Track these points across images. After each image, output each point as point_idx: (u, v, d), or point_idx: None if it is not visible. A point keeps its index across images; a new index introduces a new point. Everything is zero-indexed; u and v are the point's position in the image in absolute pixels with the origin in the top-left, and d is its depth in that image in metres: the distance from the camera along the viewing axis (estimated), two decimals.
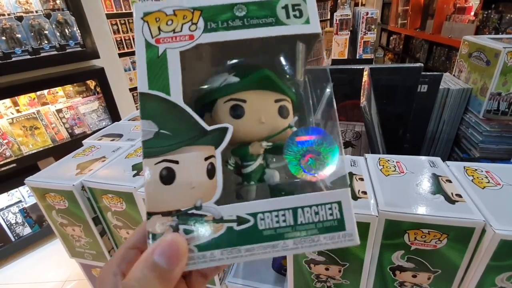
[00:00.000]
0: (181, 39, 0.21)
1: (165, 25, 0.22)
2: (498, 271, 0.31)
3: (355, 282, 0.37)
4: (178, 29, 0.21)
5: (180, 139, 0.19)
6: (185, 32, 0.21)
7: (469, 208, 0.31)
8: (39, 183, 0.45)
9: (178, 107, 0.20)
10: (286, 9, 0.22)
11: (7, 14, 1.54)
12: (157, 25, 0.22)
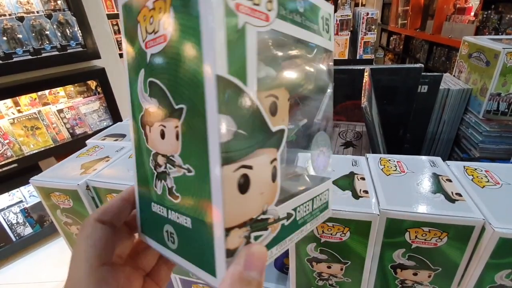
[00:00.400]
0: (259, 17, 0.17)
1: (149, 24, 0.19)
2: (497, 269, 0.32)
3: (357, 280, 0.38)
4: (257, 1, 0.17)
5: (255, 141, 0.17)
6: (263, 8, 0.17)
7: (468, 207, 0.31)
8: (44, 182, 0.46)
9: (252, 101, 0.17)
10: (323, 21, 0.22)
11: (8, 15, 1.55)
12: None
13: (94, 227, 0.23)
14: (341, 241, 0.34)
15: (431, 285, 0.36)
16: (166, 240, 0.22)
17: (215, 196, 0.17)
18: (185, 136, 0.19)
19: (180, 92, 0.18)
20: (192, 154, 0.18)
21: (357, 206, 0.33)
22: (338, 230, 0.34)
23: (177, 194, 0.20)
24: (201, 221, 0.19)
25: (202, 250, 0.19)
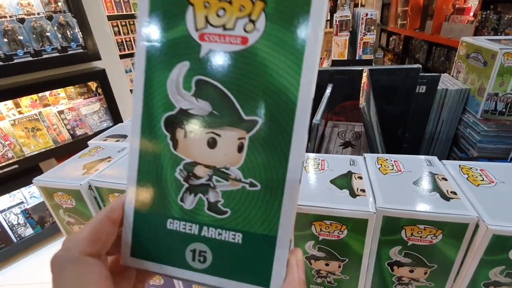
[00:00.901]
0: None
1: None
2: (491, 265, 0.32)
3: (355, 277, 0.38)
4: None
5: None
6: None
7: (463, 205, 0.32)
8: (47, 182, 0.47)
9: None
10: None
11: (9, 16, 1.56)
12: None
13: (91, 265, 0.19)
14: (339, 239, 0.35)
15: (427, 282, 0.37)
16: (190, 260, 0.21)
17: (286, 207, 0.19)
18: (254, 150, 0.19)
19: (255, 104, 0.18)
20: (260, 168, 0.19)
21: (354, 205, 0.33)
22: (335, 228, 0.34)
23: (225, 209, 0.20)
24: (258, 235, 0.19)
25: (251, 263, 0.20)
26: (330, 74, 0.83)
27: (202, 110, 0.19)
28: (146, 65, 0.20)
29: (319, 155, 0.45)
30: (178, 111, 0.20)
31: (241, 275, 0.20)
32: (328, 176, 0.39)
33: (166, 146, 0.20)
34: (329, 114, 0.89)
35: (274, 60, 0.18)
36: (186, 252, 0.21)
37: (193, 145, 0.20)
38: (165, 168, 0.20)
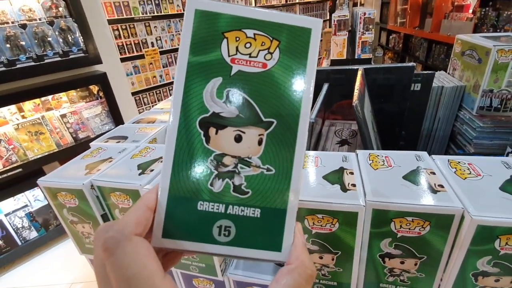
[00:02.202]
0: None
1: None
2: (478, 256, 0.33)
3: (348, 269, 0.40)
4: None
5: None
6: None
7: (449, 197, 0.33)
8: (51, 183, 0.48)
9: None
10: None
11: (11, 22, 1.58)
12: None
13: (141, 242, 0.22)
14: (331, 232, 0.36)
15: (418, 273, 0.38)
16: (216, 235, 0.25)
17: (293, 187, 0.25)
18: (270, 143, 0.25)
19: (271, 109, 0.25)
20: (276, 157, 0.25)
21: (344, 198, 0.35)
22: (327, 221, 0.36)
23: (247, 190, 0.25)
24: (273, 209, 0.25)
25: (267, 233, 0.25)
26: (327, 73, 0.84)
27: (231, 113, 0.25)
28: (186, 78, 0.25)
29: (314, 152, 0.47)
30: (211, 114, 0.25)
31: (259, 244, 0.25)
32: (321, 172, 0.41)
33: (199, 141, 0.25)
34: (326, 113, 0.90)
35: (285, 79, 0.25)
36: (213, 229, 0.25)
37: (223, 140, 0.25)
38: (198, 159, 0.25)
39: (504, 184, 0.35)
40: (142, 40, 2.92)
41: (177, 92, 0.25)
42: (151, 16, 2.91)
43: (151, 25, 2.94)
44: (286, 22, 0.25)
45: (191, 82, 0.25)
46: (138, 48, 2.91)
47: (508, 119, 0.78)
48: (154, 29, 2.98)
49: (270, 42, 0.25)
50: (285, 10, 4.55)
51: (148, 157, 0.52)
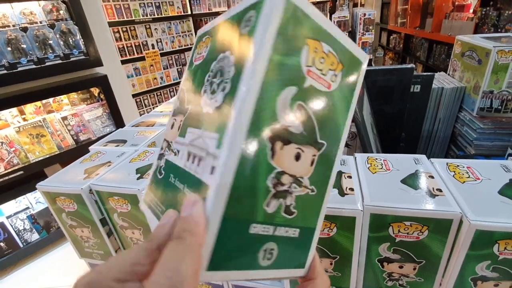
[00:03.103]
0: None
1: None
2: (477, 260, 0.33)
3: (346, 274, 0.40)
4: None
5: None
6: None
7: (447, 201, 0.33)
8: (50, 187, 0.48)
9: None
10: None
11: (12, 25, 1.59)
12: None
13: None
14: (329, 237, 0.36)
15: (416, 277, 0.38)
16: (261, 259, 0.22)
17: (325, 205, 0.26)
18: (319, 164, 0.25)
19: (325, 132, 0.25)
20: (319, 178, 0.25)
21: (342, 203, 0.35)
22: (325, 226, 0.36)
23: (294, 210, 0.24)
24: (308, 228, 0.25)
25: (298, 251, 0.25)
26: None
27: (297, 129, 0.23)
28: (265, 76, 0.20)
29: None
30: (281, 125, 0.22)
31: (290, 263, 0.24)
32: None
33: (265, 155, 0.21)
34: None
35: (339, 105, 0.25)
36: (259, 253, 0.22)
37: (285, 156, 0.23)
38: (260, 175, 0.21)
39: (503, 188, 0.35)
40: (143, 42, 2.93)
41: (251, 94, 0.20)
42: (151, 18, 2.91)
43: (152, 27, 2.95)
44: (349, 49, 0.25)
45: (269, 82, 0.20)
46: (138, 50, 2.92)
47: (508, 120, 0.78)
48: (154, 31, 2.98)
49: (337, 64, 0.25)
50: None
51: (147, 161, 0.52)
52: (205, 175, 0.21)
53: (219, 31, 0.26)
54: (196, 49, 0.30)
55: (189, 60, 0.31)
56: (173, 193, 0.25)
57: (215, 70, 0.24)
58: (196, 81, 0.27)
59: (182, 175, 0.24)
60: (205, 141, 0.22)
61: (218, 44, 0.26)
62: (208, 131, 0.22)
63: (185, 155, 0.25)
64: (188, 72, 0.30)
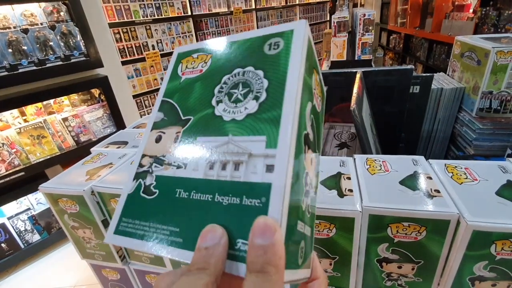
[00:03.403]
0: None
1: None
2: (475, 260, 0.34)
3: (346, 274, 0.40)
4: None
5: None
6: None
7: (445, 202, 0.34)
8: (52, 189, 0.49)
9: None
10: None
11: (13, 27, 1.60)
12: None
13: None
14: (328, 237, 0.37)
15: (415, 277, 0.38)
16: (298, 258, 0.23)
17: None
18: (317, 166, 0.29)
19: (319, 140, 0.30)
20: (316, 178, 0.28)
21: (341, 204, 0.35)
22: (324, 227, 0.36)
23: (310, 210, 0.26)
24: (313, 227, 0.27)
25: (308, 250, 0.25)
26: (326, 76, 0.84)
27: (312, 137, 0.27)
28: (301, 91, 0.24)
29: None
30: (307, 132, 0.26)
31: (305, 262, 0.24)
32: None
33: (302, 157, 0.24)
34: (325, 115, 0.90)
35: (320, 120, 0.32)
36: (299, 251, 0.23)
37: (308, 159, 0.26)
38: (301, 175, 0.24)
39: (500, 189, 0.35)
40: (143, 43, 2.93)
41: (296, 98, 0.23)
42: (151, 19, 2.92)
43: (152, 28, 2.96)
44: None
45: (302, 96, 0.24)
46: (139, 51, 2.92)
47: (507, 121, 0.78)
48: (154, 32, 2.99)
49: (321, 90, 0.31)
50: (285, 12, 4.56)
51: None
52: (255, 176, 0.22)
53: (228, 49, 0.29)
54: (179, 64, 0.32)
55: (169, 74, 0.32)
56: (192, 207, 0.23)
57: (232, 82, 0.27)
58: (197, 93, 0.29)
59: (207, 186, 0.23)
60: (243, 145, 0.24)
61: (230, 60, 0.28)
62: (244, 135, 0.24)
63: (204, 164, 0.24)
64: (173, 85, 0.31)
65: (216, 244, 0.19)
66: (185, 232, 0.23)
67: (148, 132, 0.30)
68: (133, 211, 0.26)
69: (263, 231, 0.18)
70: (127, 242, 0.25)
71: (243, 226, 0.20)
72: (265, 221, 0.19)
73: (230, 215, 0.21)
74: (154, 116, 0.30)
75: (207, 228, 0.21)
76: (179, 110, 0.29)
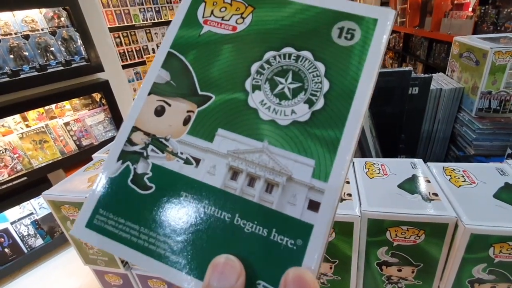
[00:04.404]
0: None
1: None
2: (473, 263, 0.34)
3: (346, 278, 0.40)
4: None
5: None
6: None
7: (443, 206, 0.34)
8: (55, 196, 0.49)
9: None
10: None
11: (14, 33, 1.61)
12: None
13: None
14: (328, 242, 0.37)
15: (415, 280, 0.38)
16: None
17: None
18: None
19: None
20: None
21: (340, 209, 0.35)
22: None
23: None
24: None
25: None
26: None
27: None
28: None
29: None
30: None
31: None
32: None
33: None
34: None
35: None
36: None
37: None
38: None
39: (498, 192, 0.35)
40: (143, 46, 2.95)
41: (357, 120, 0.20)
42: (151, 23, 2.94)
43: (152, 31, 2.97)
44: None
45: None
46: (139, 54, 2.94)
47: (507, 121, 0.78)
48: (154, 35, 3.01)
49: None
50: None
51: None
52: (292, 209, 0.18)
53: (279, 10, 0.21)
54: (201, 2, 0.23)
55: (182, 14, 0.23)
56: (202, 223, 0.18)
57: (279, 65, 0.20)
58: (225, 61, 0.21)
59: (226, 200, 0.19)
60: (282, 162, 0.19)
61: (279, 29, 0.21)
62: (286, 149, 0.19)
63: (225, 170, 0.19)
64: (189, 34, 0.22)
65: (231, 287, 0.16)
66: (188, 252, 0.18)
67: (144, 96, 0.22)
68: (116, 204, 0.20)
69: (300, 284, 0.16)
70: (105, 243, 0.19)
71: (268, 265, 0.17)
72: (305, 277, 0.16)
73: (252, 247, 0.17)
74: (155, 74, 0.22)
75: (221, 259, 0.17)
76: (195, 78, 0.21)
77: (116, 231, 0.19)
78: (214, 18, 0.22)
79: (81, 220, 0.20)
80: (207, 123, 0.20)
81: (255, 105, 0.20)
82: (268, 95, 0.20)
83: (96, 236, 0.20)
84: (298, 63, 0.20)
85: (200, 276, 0.17)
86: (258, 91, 0.20)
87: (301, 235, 0.17)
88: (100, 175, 0.21)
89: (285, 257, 0.17)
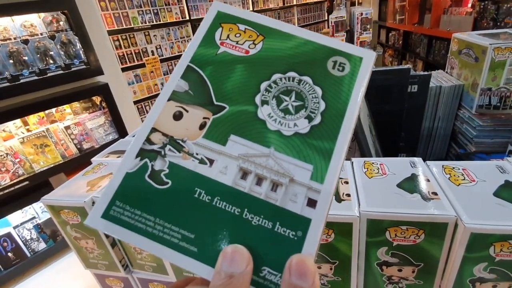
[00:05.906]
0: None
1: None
2: (474, 262, 0.34)
3: (347, 278, 0.40)
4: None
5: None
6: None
7: (442, 205, 0.34)
8: (54, 201, 0.49)
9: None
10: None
11: (13, 38, 1.61)
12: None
13: None
14: (327, 242, 0.37)
15: (416, 280, 0.38)
16: None
17: None
18: None
19: None
20: None
21: (339, 209, 0.35)
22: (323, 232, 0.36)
23: None
24: None
25: None
26: None
27: None
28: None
29: None
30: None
31: None
32: None
33: None
34: None
35: None
36: None
37: None
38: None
39: (498, 190, 0.35)
40: (142, 49, 2.95)
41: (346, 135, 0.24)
42: (150, 25, 2.93)
43: (151, 34, 2.97)
44: None
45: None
46: (138, 57, 2.94)
47: (508, 117, 0.78)
48: (153, 37, 3.01)
49: None
50: (283, 13, 4.56)
51: None
52: (293, 205, 0.21)
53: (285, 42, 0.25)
54: (218, 27, 0.26)
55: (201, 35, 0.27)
56: (214, 216, 0.21)
57: (284, 86, 0.24)
58: (238, 78, 0.24)
59: (236, 197, 0.21)
60: (285, 166, 0.22)
61: (285, 57, 0.25)
62: (289, 155, 0.22)
63: (236, 170, 0.22)
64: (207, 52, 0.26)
65: (241, 273, 0.18)
66: (202, 241, 0.20)
67: (164, 102, 0.24)
68: (133, 196, 0.22)
69: (303, 273, 0.18)
70: (123, 233, 0.21)
71: (272, 253, 0.19)
72: (306, 262, 0.18)
73: (259, 238, 0.20)
74: (175, 84, 0.25)
75: (231, 248, 0.19)
76: (211, 90, 0.24)
77: (132, 222, 0.21)
78: (230, 41, 0.26)
79: (97, 211, 0.22)
80: (221, 129, 0.23)
81: (263, 117, 0.23)
82: (275, 110, 0.23)
83: (112, 226, 0.21)
84: (300, 86, 0.24)
85: (211, 263, 0.19)
86: (266, 105, 0.24)
87: (301, 228, 0.20)
88: (118, 171, 0.23)
89: (288, 246, 0.20)
